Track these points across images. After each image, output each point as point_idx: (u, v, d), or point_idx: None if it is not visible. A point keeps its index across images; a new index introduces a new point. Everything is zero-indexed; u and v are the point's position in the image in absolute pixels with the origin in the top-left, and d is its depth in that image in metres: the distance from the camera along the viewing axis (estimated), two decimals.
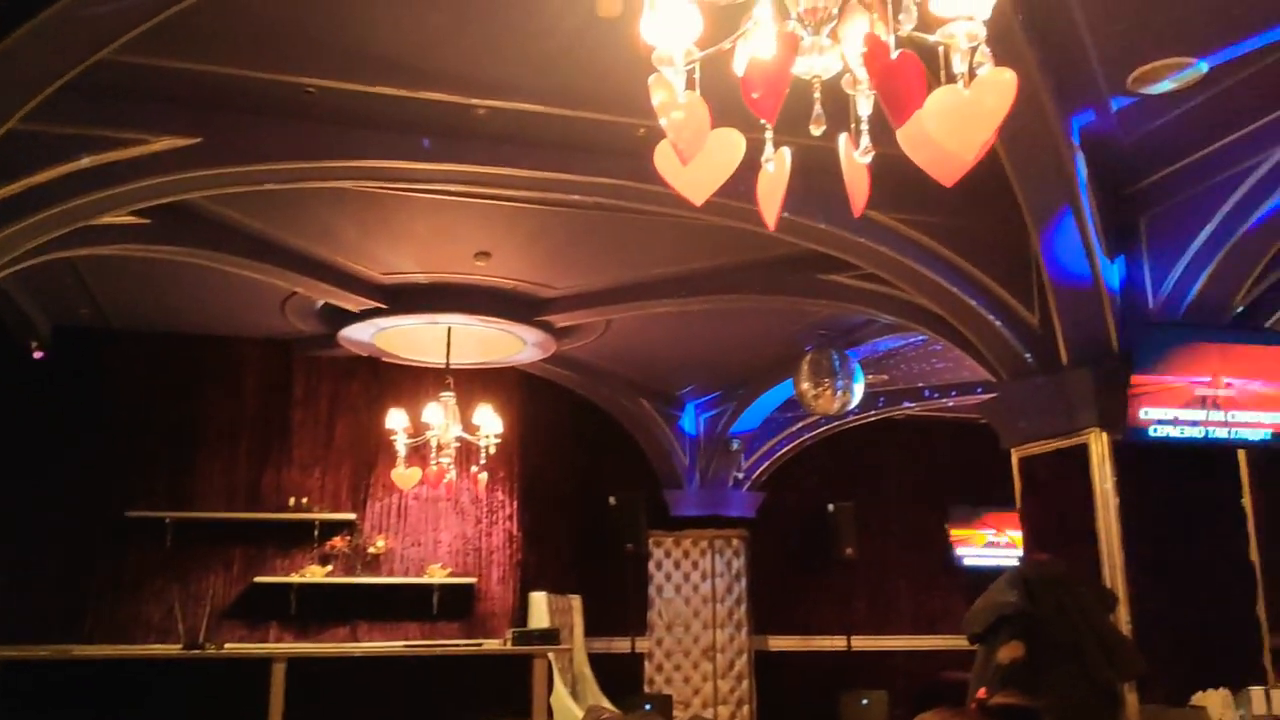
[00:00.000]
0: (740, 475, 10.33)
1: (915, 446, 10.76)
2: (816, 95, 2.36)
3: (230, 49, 4.39)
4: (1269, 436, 5.29)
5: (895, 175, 2.89)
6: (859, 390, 8.15)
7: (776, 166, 2.60)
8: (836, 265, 6.30)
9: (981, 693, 1.95)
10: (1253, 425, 5.26)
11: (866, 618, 10.30)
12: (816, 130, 2.38)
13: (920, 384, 9.55)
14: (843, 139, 2.55)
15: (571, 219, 6.01)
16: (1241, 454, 5.44)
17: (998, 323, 5.63)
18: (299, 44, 4.38)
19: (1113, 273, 5.33)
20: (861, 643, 10.07)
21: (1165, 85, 4.57)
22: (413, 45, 4.39)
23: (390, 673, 6.63)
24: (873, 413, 9.99)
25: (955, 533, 10.73)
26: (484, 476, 7.58)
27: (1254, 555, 5.32)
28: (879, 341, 8.11)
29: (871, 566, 10.35)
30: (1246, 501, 5.39)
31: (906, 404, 9.96)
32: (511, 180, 5.24)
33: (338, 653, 7.36)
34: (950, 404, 9.69)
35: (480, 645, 7.32)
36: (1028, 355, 5.63)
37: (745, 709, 9.87)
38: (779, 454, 10.34)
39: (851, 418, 9.81)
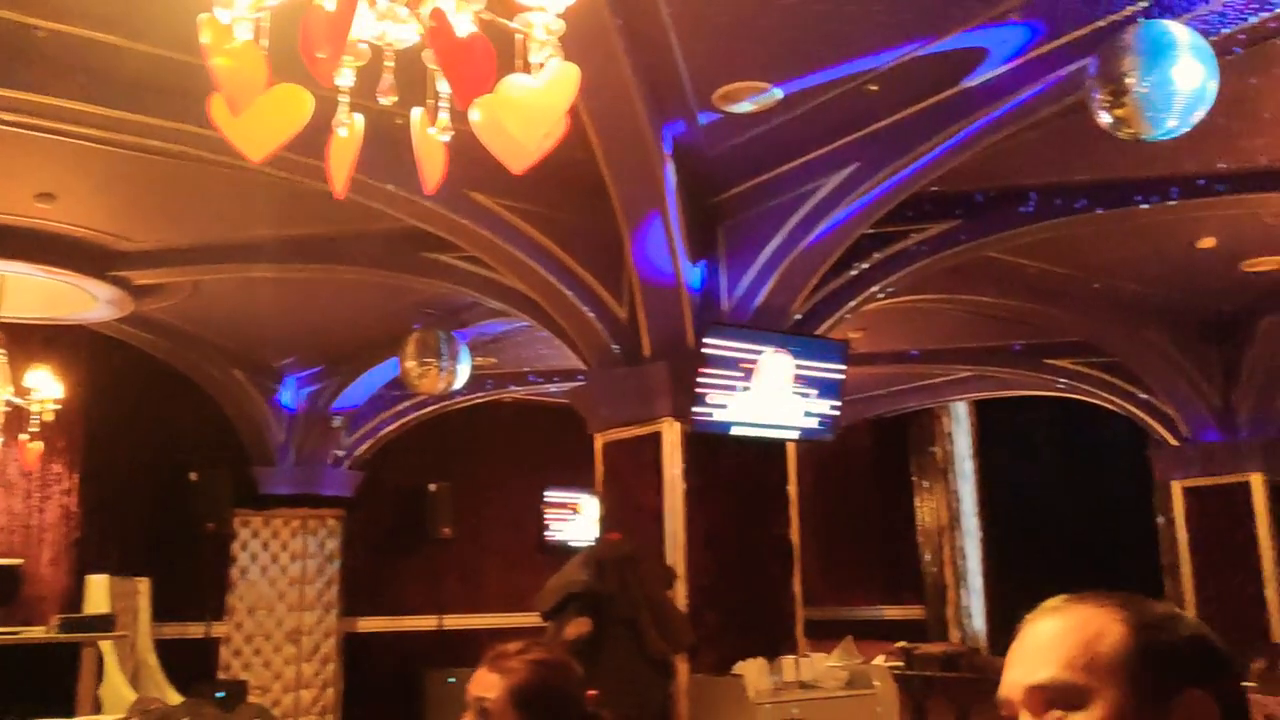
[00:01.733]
0: (341, 453, 10.02)
1: (519, 429, 10.99)
2: (388, 63, 2.30)
3: None
4: (802, 433, 5.97)
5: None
6: (464, 372, 8.18)
7: (349, 132, 2.51)
8: (442, 245, 6.27)
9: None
10: (792, 423, 5.89)
11: (459, 597, 10.38)
12: (385, 100, 2.32)
13: (526, 369, 9.78)
14: (417, 113, 2.50)
15: (151, 166, 5.47)
16: (790, 445, 6.06)
17: (590, 313, 5.87)
18: None
19: (694, 275, 5.73)
20: (453, 622, 10.15)
21: (746, 105, 4.97)
22: None
23: None
24: (480, 395, 10.08)
25: (550, 513, 11.11)
26: (36, 446, 6.73)
27: (794, 536, 5.95)
28: (487, 325, 8.18)
29: (467, 546, 10.44)
30: (791, 488, 6.02)
31: (513, 387, 10.15)
32: (76, 115, 4.67)
33: None
34: (553, 389, 10.00)
35: (17, 634, 6.50)
36: (615, 346, 5.92)
37: (330, 692, 9.61)
38: (382, 432, 10.14)
39: (459, 398, 9.84)
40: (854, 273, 6.16)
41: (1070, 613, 1.02)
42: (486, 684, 1.85)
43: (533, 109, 2.27)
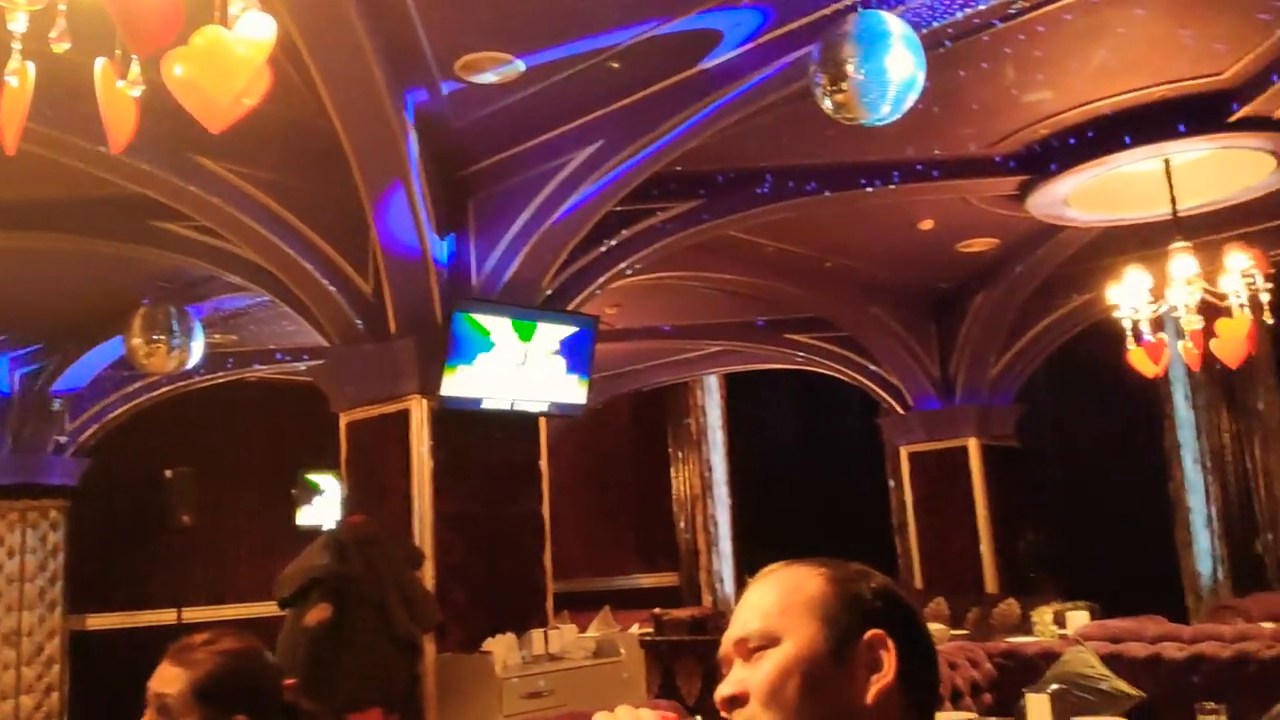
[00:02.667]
0: (63, 439, 9.22)
1: (267, 409, 10.48)
2: (62, 6, 2.11)
3: None
4: (554, 408, 6.01)
5: (233, 125, 2.69)
6: (198, 350, 7.70)
7: (20, 81, 2.29)
8: (174, 214, 5.85)
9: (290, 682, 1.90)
10: (544, 398, 5.92)
11: (202, 588, 9.82)
12: (57, 48, 2.12)
13: (272, 346, 9.32)
14: (100, 64, 2.31)
15: None
16: (542, 420, 6.08)
17: (332, 288, 5.65)
18: None
19: (442, 249, 5.63)
20: (195, 614, 9.56)
21: (489, 77, 4.90)
22: None
23: None
24: (221, 374, 9.54)
25: (303, 496, 10.69)
26: None
27: (546, 511, 5.98)
28: (225, 299, 7.73)
29: (212, 534, 9.88)
30: (543, 463, 6.04)
31: (258, 365, 9.65)
32: None
33: None
34: (303, 367, 9.59)
35: None
36: (359, 322, 5.73)
37: (55, 696, 8.88)
38: (111, 416, 9.40)
39: (198, 378, 9.28)
40: (603, 249, 6.24)
41: (779, 574, 1.13)
42: (167, 678, 1.73)
43: (225, 62, 2.14)
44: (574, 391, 6.08)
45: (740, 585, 11.08)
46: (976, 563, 8.75)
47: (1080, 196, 6.30)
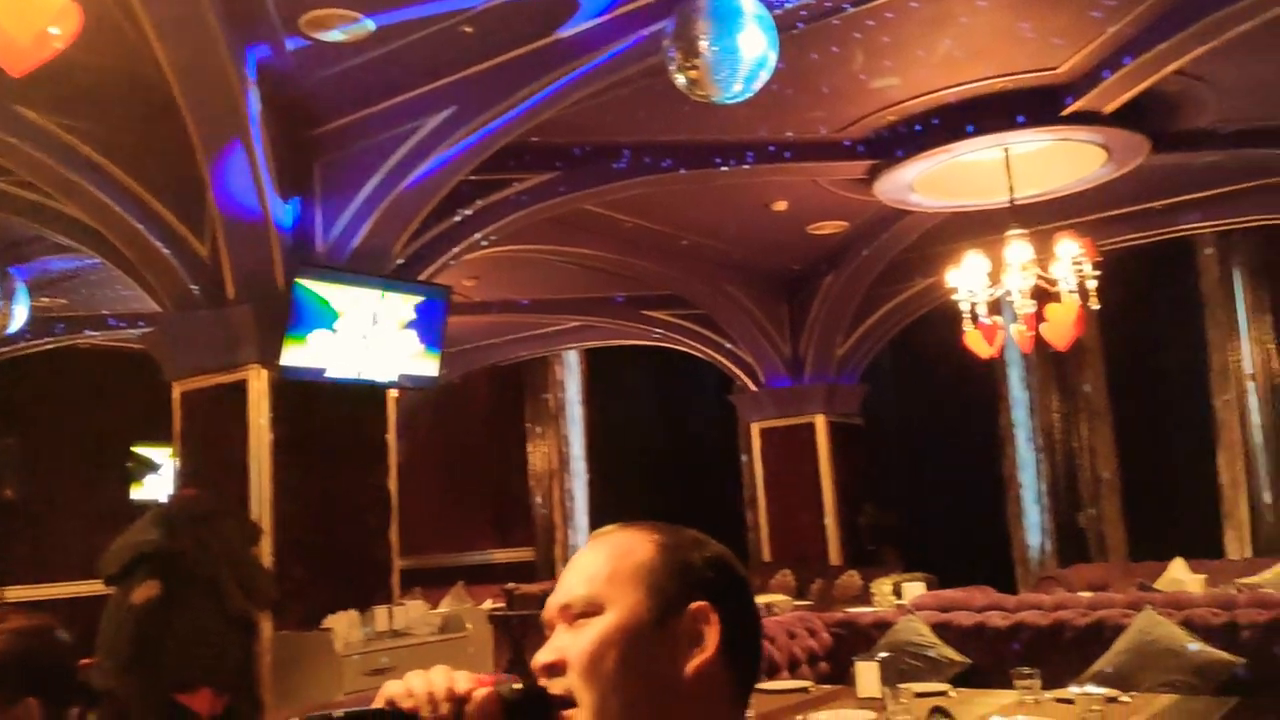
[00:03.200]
0: None
1: (100, 379, 9.92)
2: None
3: None
4: (404, 380, 5.90)
5: (56, 74, 2.49)
6: (21, 313, 7.25)
7: None
8: None
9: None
10: (392, 370, 5.78)
11: (26, 565, 9.26)
12: None
13: (105, 311, 8.84)
14: None
15: None
16: (389, 393, 5.94)
17: (166, 250, 5.37)
18: None
19: (285, 212, 5.41)
20: (17, 593, 9.04)
21: (336, 34, 4.72)
22: None
23: None
24: (49, 340, 8.99)
25: (139, 469, 10.19)
26: None
27: (393, 486, 5.86)
28: (52, 260, 7.28)
29: (36, 508, 9.34)
30: (390, 437, 5.91)
31: (90, 332, 9.14)
32: None
33: None
34: (137, 334, 9.12)
35: None
36: (195, 287, 5.47)
37: None
38: None
39: (23, 344, 8.71)
40: (457, 219, 6.11)
41: (611, 538, 1.09)
42: None
43: (27, 2, 1.98)
44: (425, 364, 5.96)
45: None
46: (822, 536, 9.01)
47: (925, 183, 6.51)
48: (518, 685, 0.95)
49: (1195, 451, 8.58)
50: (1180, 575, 6.77)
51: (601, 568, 1.05)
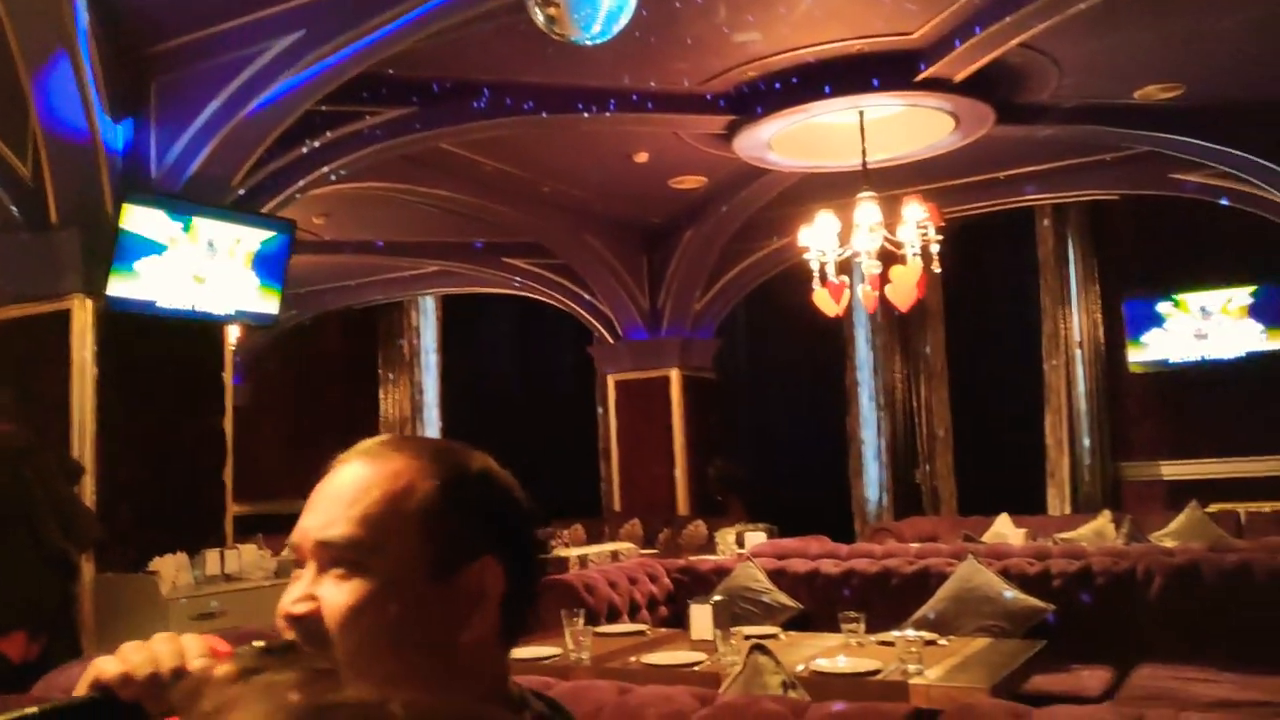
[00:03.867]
0: None
1: None
2: None
3: None
4: (241, 316, 5.67)
5: None
6: None
7: None
8: None
9: None
10: (229, 305, 5.54)
11: None
12: None
13: None
14: None
15: None
16: (225, 328, 5.69)
17: None
18: None
19: (116, 134, 5.09)
20: None
21: None
22: None
23: None
24: None
25: None
26: None
27: (227, 427, 5.63)
28: None
29: None
30: (226, 375, 5.68)
31: None
32: None
33: None
34: None
35: None
36: (14, 209, 5.10)
37: None
38: None
39: None
40: (304, 150, 5.86)
41: (382, 461, 0.93)
42: None
43: None
44: (265, 301, 5.73)
45: None
46: (671, 487, 9.15)
47: (783, 141, 6.59)
48: (261, 644, 0.74)
49: (1024, 413, 9.06)
50: (1004, 529, 7.14)
51: (373, 503, 0.90)
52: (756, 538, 6.95)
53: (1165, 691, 3.72)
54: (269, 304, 5.74)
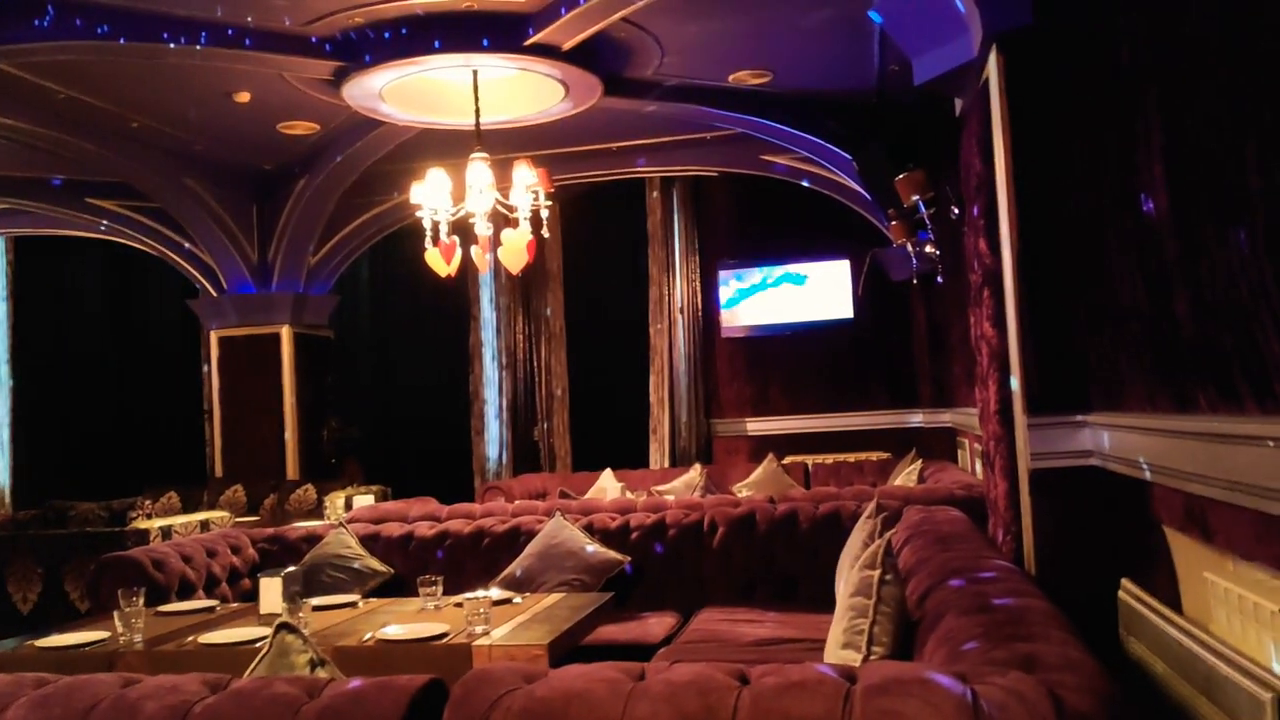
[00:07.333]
0: None
1: None
2: None
3: None
4: None
5: None
6: None
7: None
8: None
9: None
10: None
11: None
12: None
13: None
14: None
15: None
16: None
17: None
18: None
19: None
20: None
21: None
22: None
23: None
24: None
25: None
26: None
27: None
28: None
29: None
30: None
31: None
32: None
33: None
34: None
35: None
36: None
37: None
38: None
39: None
40: None
41: None
42: None
43: None
44: None
45: (27, 479, 9.84)
46: (280, 450, 8.73)
47: (396, 94, 6.40)
48: None
49: (632, 374, 9.54)
50: (606, 484, 7.48)
51: None
52: (366, 501, 6.81)
53: (714, 634, 4.05)
54: None
